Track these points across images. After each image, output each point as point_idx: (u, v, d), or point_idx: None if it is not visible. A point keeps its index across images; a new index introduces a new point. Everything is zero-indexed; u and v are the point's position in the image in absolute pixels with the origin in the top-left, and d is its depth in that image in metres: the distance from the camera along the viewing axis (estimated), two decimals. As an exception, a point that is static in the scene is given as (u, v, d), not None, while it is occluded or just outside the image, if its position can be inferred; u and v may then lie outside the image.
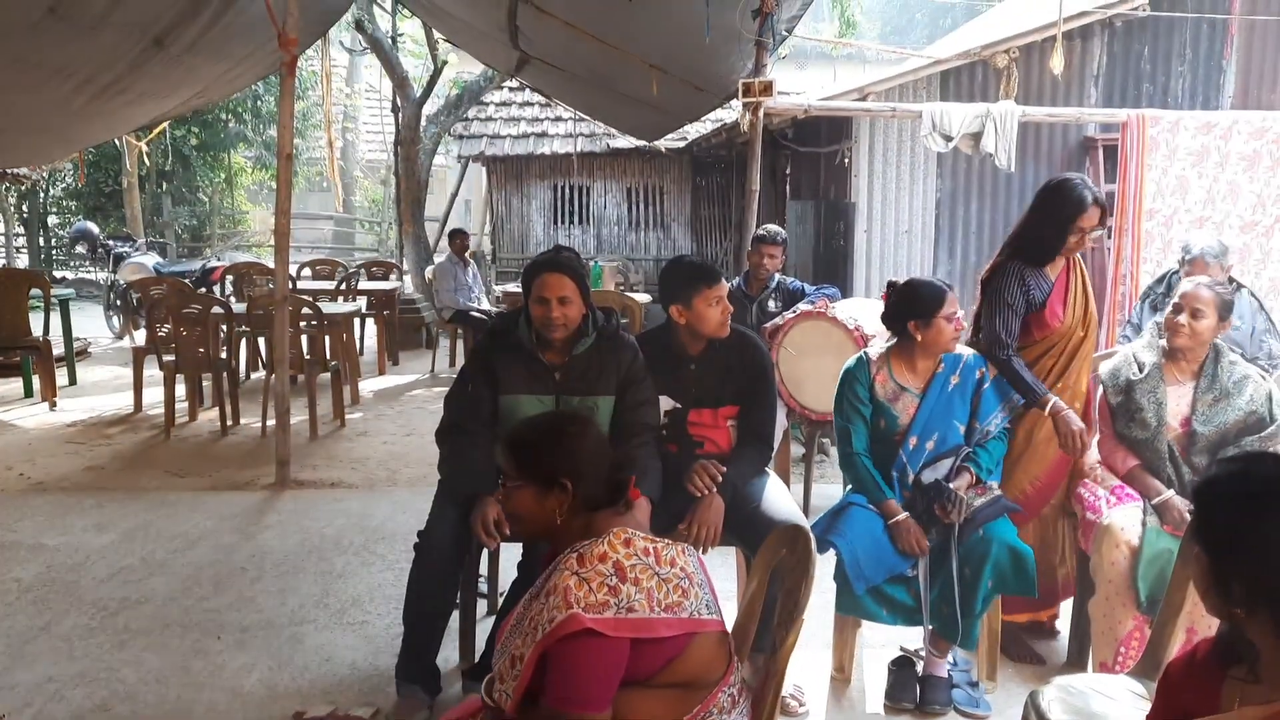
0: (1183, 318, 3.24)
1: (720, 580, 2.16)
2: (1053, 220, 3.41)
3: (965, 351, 3.36)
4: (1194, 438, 3.24)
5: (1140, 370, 3.32)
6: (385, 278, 11.21)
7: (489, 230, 14.27)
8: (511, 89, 13.17)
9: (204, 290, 10.36)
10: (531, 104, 13.30)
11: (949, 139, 5.79)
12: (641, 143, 12.12)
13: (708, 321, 3.23)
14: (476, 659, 3.30)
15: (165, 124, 12.31)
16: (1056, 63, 5.94)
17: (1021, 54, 6.57)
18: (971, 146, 5.84)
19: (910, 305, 3.30)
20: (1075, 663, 3.52)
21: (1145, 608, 3.03)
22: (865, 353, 3.45)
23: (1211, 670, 1.58)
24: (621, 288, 11.02)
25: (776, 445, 3.77)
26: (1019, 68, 6.51)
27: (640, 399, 3.16)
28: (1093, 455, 3.51)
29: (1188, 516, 3.00)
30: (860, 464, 3.32)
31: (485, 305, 9.23)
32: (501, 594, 3.63)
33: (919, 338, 3.29)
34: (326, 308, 7.60)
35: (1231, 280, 4.44)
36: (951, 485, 3.16)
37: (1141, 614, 3.04)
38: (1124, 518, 3.17)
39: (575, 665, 1.83)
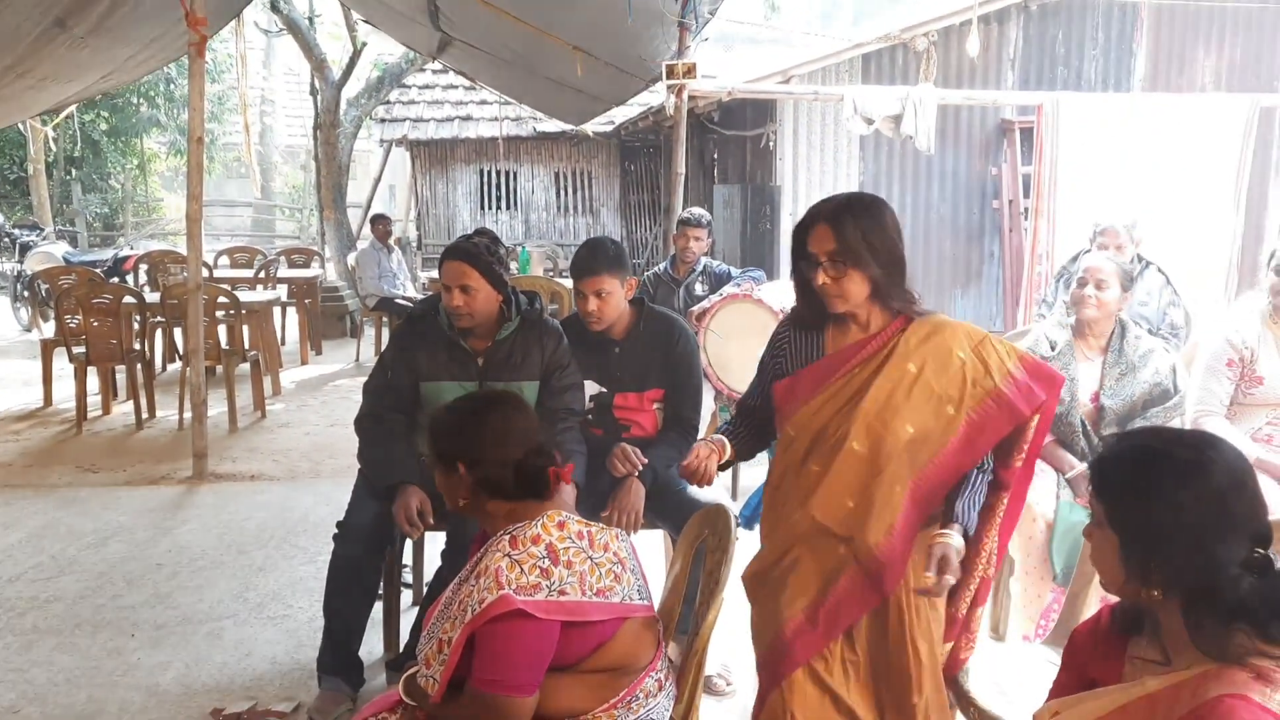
0: (1088, 290, 3.33)
1: (648, 564, 2.15)
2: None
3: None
4: (1103, 412, 3.33)
5: (1052, 348, 3.40)
6: (306, 265, 10.99)
7: (414, 216, 14.06)
8: (435, 71, 12.97)
9: (116, 280, 10.03)
10: (455, 87, 13.10)
11: (870, 122, 5.85)
12: (569, 127, 12.04)
13: (580, 309, 3.24)
14: (401, 649, 3.25)
15: (72, 108, 11.86)
16: (973, 46, 6.03)
17: (940, 37, 6.66)
18: (892, 129, 5.90)
19: None
20: (995, 636, 3.60)
21: (1061, 579, 3.11)
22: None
23: (1114, 638, 1.60)
24: (550, 273, 10.95)
25: (703, 428, 3.78)
26: (938, 51, 6.60)
27: (565, 384, 3.14)
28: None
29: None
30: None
31: (410, 292, 9.09)
32: (426, 584, 3.59)
33: None
34: (244, 296, 7.43)
35: (1140, 258, 4.57)
36: None
37: (1058, 585, 3.13)
38: (1038, 493, 3.24)
39: (504, 647, 1.82)
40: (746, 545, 3.07)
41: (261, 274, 9.80)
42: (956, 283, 7.20)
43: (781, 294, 4.99)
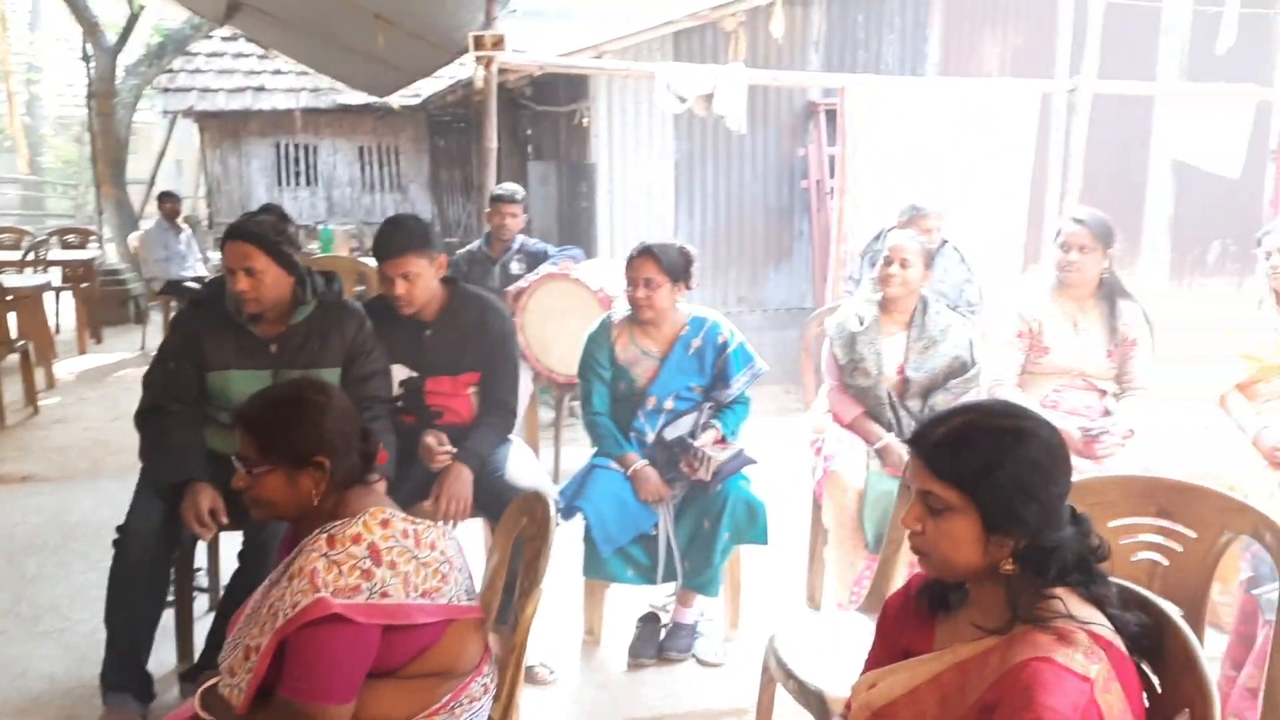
0: (894, 268, 3.44)
1: (467, 554, 2.06)
2: None
3: (711, 315, 3.40)
4: (908, 384, 3.46)
5: (861, 323, 3.50)
6: (82, 246, 10.25)
7: (204, 192, 13.26)
8: (224, 38, 12.20)
9: None
10: (247, 55, 12.34)
11: (683, 100, 5.86)
12: (373, 99, 11.59)
13: (387, 292, 3.10)
14: (196, 659, 3.03)
15: None
16: (776, 27, 6.13)
17: (748, 18, 6.74)
18: (705, 108, 5.94)
19: None
20: (812, 605, 3.70)
21: (873, 547, 3.21)
22: (608, 317, 3.45)
23: (924, 609, 1.63)
24: (356, 253, 10.52)
25: (522, 411, 3.69)
26: (746, 31, 6.69)
27: (369, 370, 2.97)
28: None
29: (905, 458, 3.19)
30: (600, 423, 3.35)
31: (201, 273, 8.54)
32: (223, 587, 3.36)
33: None
34: (10, 281, 6.83)
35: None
36: (696, 443, 3.21)
37: (870, 553, 3.22)
38: (849, 464, 3.34)
39: (319, 653, 1.70)
40: (567, 534, 3.03)
41: (30, 256, 9.05)
42: (769, 260, 7.38)
43: (600, 273, 4.95)
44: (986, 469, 1.45)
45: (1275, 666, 1.89)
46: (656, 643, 3.29)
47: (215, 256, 9.32)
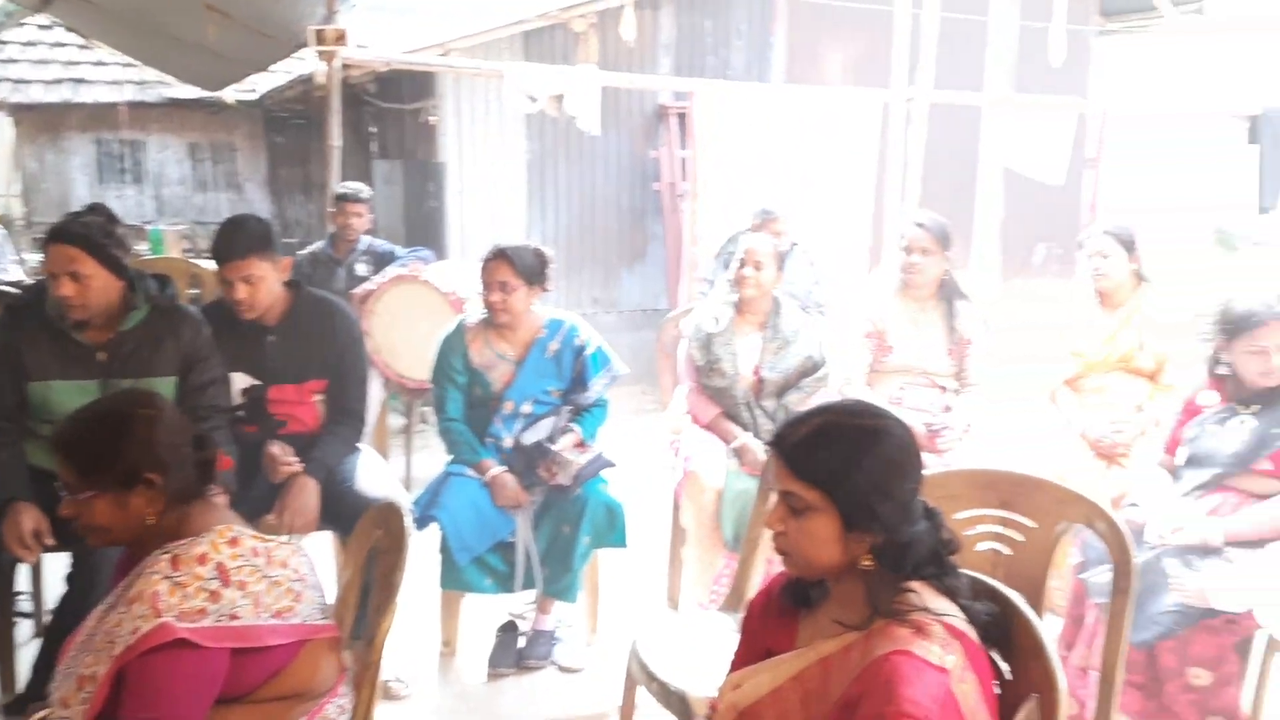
0: (748, 270, 3.50)
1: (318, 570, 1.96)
2: None
3: (568, 318, 3.37)
4: (764, 384, 3.52)
5: (717, 324, 3.54)
6: (-122, 246, 9.30)
7: (18, 191, 12.36)
8: (40, 26, 11.39)
9: None
10: (65, 44, 11.54)
11: (534, 100, 5.81)
12: (205, 94, 11.05)
13: (227, 297, 2.95)
14: (22, 689, 2.81)
15: None
16: (627, 30, 6.15)
17: (599, 20, 6.74)
18: (556, 108, 5.90)
19: None
20: (671, 605, 3.72)
21: (732, 545, 3.25)
22: (462, 320, 3.37)
23: (787, 608, 1.65)
24: (189, 254, 9.99)
25: (372, 419, 3.58)
26: (596, 33, 6.69)
27: (207, 378, 2.82)
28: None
29: (763, 457, 3.25)
30: (455, 429, 3.27)
31: (17, 277, 7.91)
32: (49, 611, 3.12)
33: None
34: None
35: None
36: (555, 447, 3.17)
37: (729, 552, 3.27)
38: (707, 464, 3.37)
39: (162, 681, 1.61)
40: (421, 544, 2.94)
41: None
42: (623, 262, 7.42)
43: (451, 275, 4.84)
44: (844, 468, 1.48)
45: (1110, 647, 2.00)
46: (515, 651, 3.25)
47: (32, 259, 8.66)
